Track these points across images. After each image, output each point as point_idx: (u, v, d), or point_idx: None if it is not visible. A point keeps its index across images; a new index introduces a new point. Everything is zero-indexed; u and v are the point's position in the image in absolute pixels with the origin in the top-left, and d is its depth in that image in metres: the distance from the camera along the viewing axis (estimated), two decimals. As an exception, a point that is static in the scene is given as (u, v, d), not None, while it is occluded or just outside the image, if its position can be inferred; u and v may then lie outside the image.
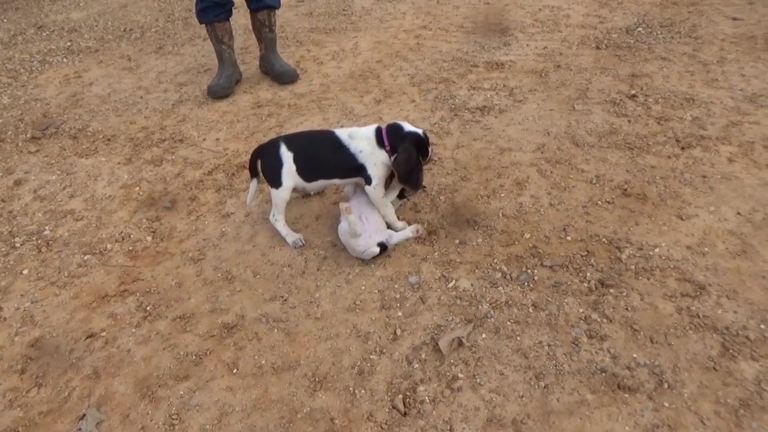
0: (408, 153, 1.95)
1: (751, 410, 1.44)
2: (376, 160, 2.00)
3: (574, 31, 3.81)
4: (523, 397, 1.54)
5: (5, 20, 4.82)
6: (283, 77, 3.39)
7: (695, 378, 1.53)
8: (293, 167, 2.04)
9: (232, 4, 3.26)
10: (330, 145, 2.04)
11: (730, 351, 1.59)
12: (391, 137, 2.00)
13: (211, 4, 3.14)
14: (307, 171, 2.06)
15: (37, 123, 3.14)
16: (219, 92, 3.26)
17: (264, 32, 3.38)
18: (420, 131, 2.03)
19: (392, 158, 1.98)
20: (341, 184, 2.15)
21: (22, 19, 4.84)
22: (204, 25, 3.27)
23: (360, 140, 2.02)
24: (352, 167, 2.03)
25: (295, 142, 2.07)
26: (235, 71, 3.41)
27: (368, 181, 2.01)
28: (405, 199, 2.25)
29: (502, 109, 2.93)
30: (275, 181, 2.06)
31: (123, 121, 3.13)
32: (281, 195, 2.08)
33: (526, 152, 2.57)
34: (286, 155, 2.04)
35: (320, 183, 2.12)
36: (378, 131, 2.02)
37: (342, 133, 2.05)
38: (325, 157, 2.06)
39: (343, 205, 1.86)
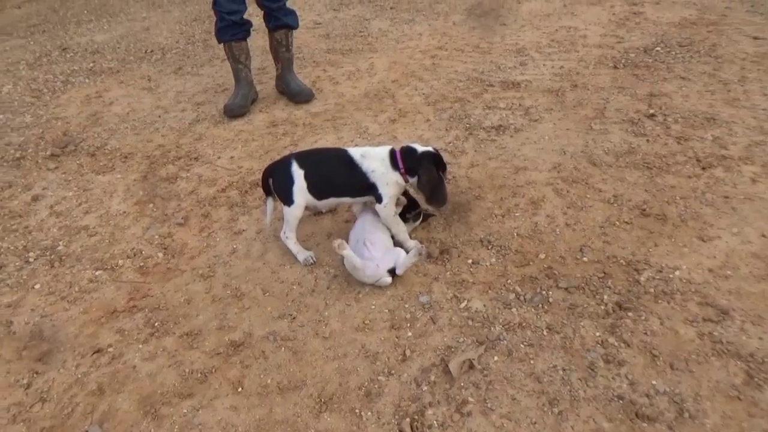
0: (430, 172, 1.98)
1: (779, 443, 1.36)
2: (388, 180, 1.99)
3: (591, 51, 3.79)
4: (536, 423, 1.48)
5: (32, 42, 4.97)
6: (299, 96, 3.40)
7: (718, 408, 1.45)
8: (304, 185, 2.03)
9: (250, 24, 3.30)
10: (342, 164, 2.03)
11: (755, 379, 1.51)
12: (406, 159, 1.99)
13: (230, 24, 3.18)
14: (318, 189, 2.05)
15: (57, 141, 3.20)
16: (235, 111, 3.28)
17: (281, 52, 3.40)
18: (432, 149, 2.02)
19: (414, 180, 2.01)
20: (352, 202, 2.14)
21: (47, 41, 4.98)
22: (222, 44, 3.31)
23: (373, 160, 2.01)
24: (363, 186, 2.02)
25: (306, 159, 2.07)
26: (252, 90, 3.44)
27: (379, 200, 2.00)
28: (424, 221, 2.23)
29: (517, 129, 2.89)
30: (287, 199, 2.05)
31: (140, 139, 3.17)
32: (293, 212, 2.06)
33: (541, 171, 2.53)
34: (298, 173, 2.03)
35: (331, 201, 2.11)
36: (392, 153, 2.02)
37: (354, 152, 2.04)
38: (336, 176, 2.05)
39: (335, 243, 1.83)
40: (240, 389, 1.68)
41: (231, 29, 3.21)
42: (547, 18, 4.48)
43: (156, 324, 1.94)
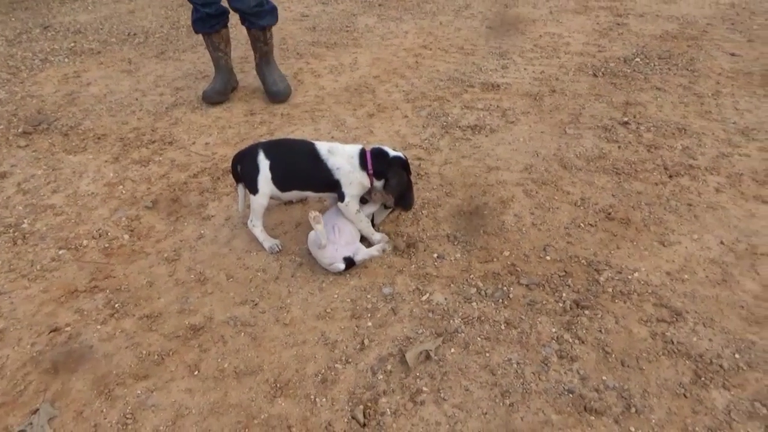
0: (400, 176, 2.01)
1: (719, 440, 1.39)
2: (352, 179, 1.99)
3: (572, 58, 3.83)
4: (486, 414, 1.49)
5: (13, 19, 4.89)
6: (275, 97, 3.29)
7: (664, 404, 1.48)
8: (269, 175, 2.02)
9: (227, 13, 3.16)
10: (307, 157, 2.02)
11: (702, 379, 1.54)
12: (376, 162, 2.00)
13: (204, 16, 3.07)
14: (281, 180, 2.04)
15: (30, 118, 3.15)
16: (214, 98, 3.26)
17: (258, 45, 3.30)
18: (401, 154, 2.05)
19: (379, 183, 2.02)
20: (315, 197, 2.13)
21: (29, 18, 4.90)
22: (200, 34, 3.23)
23: (339, 157, 2.00)
24: (326, 182, 2.01)
25: (273, 150, 2.05)
26: (231, 78, 3.39)
27: (341, 198, 2.00)
28: (391, 209, 2.24)
29: (493, 129, 2.92)
30: (252, 187, 2.05)
31: (116, 121, 3.14)
32: (258, 201, 2.06)
33: (513, 172, 2.55)
34: (264, 163, 2.02)
35: (294, 194, 2.10)
36: (362, 153, 2.01)
37: (321, 147, 2.03)
38: (300, 169, 2.04)
39: (311, 215, 1.84)
40: (196, 372, 1.68)
41: (207, 21, 3.12)
42: (532, 24, 4.52)
43: (116, 305, 1.92)
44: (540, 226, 2.19)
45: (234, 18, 3.24)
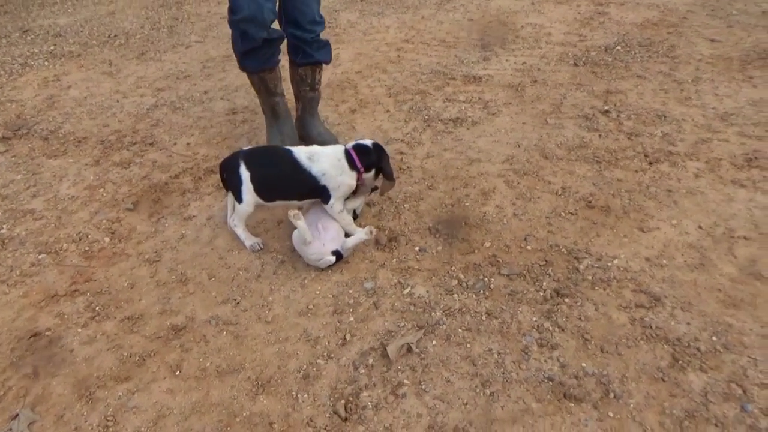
0: (387, 158, 2.07)
1: (696, 422, 1.40)
2: (340, 182, 1.98)
3: (554, 48, 3.84)
4: (467, 404, 1.50)
5: (-8, 24, 4.84)
6: None
7: (642, 388, 1.49)
8: (251, 186, 2.00)
9: (283, 38, 2.45)
10: (288, 167, 1.99)
11: (680, 362, 1.56)
12: (363, 158, 2.01)
13: (258, 45, 2.33)
14: (264, 192, 2.01)
15: (9, 123, 3.12)
16: None
17: (304, 91, 2.64)
18: (370, 141, 2.10)
19: (370, 175, 2.06)
20: (301, 205, 2.11)
21: (8, 22, 4.85)
22: (246, 73, 2.53)
23: (322, 162, 1.98)
24: (312, 189, 1.99)
25: (253, 161, 2.00)
26: (292, 122, 2.71)
27: (327, 200, 2.00)
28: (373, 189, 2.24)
29: (474, 121, 2.92)
30: (237, 197, 2.03)
31: (96, 123, 3.12)
32: (243, 208, 2.04)
33: (494, 163, 2.56)
34: (245, 174, 1.98)
35: (279, 203, 2.08)
36: (348, 153, 2.00)
37: (300, 154, 1.99)
38: (283, 180, 2.01)
39: (291, 213, 1.83)
40: (178, 372, 1.67)
41: (261, 53, 2.38)
42: (514, 15, 4.53)
43: (97, 308, 1.91)
44: (521, 217, 2.19)
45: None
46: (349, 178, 2.00)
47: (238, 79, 3.57)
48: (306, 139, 2.70)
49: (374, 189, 2.21)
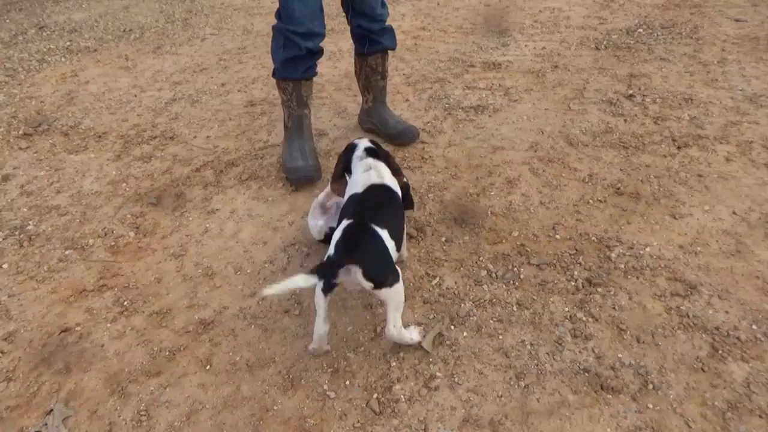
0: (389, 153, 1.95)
1: (739, 413, 1.37)
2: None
3: (573, 32, 3.76)
4: (501, 397, 1.48)
5: (8, 20, 4.86)
6: (402, 137, 2.61)
7: (682, 379, 1.46)
8: (392, 243, 1.59)
9: (323, 50, 2.39)
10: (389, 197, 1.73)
11: (720, 352, 1.52)
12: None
13: (302, 55, 2.26)
14: (399, 239, 1.68)
15: (30, 120, 3.13)
16: (312, 173, 2.38)
17: (374, 80, 2.60)
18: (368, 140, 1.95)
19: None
20: None
21: (24, 19, 4.87)
22: (280, 80, 2.39)
23: (384, 176, 1.76)
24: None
25: (376, 217, 1.58)
26: (313, 142, 2.54)
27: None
28: None
29: (496, 109, 2.88)
30: (391, 273, 1.52)
31: (115, 118, 3.12)
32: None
33: (518, 151, 2.51)
34: (384, 234, 1.55)
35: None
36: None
37: (387, 180, 1.75)
38: (394, 213, 1.71)
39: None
40: (208, 367, 1.67)
41: (302, 63, 2.31)
42: (531, -1, 4.45)
43: (125, 303, 1.92)
44: (548, 205, 2.16)
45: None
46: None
47: (255, 71, 3.55)
48: (383, 128, 2.66)
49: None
